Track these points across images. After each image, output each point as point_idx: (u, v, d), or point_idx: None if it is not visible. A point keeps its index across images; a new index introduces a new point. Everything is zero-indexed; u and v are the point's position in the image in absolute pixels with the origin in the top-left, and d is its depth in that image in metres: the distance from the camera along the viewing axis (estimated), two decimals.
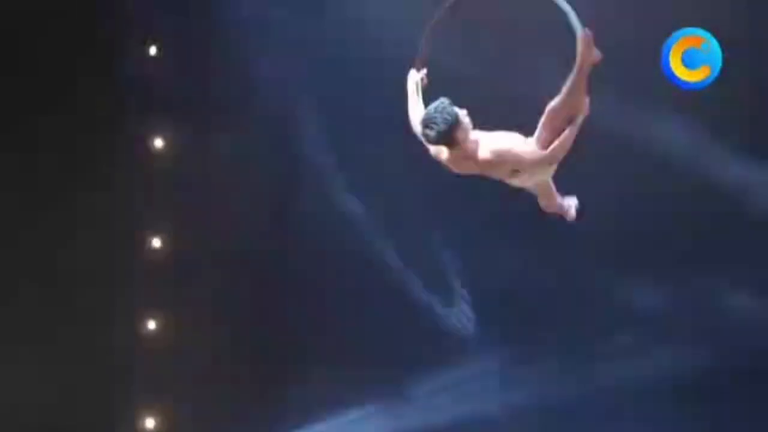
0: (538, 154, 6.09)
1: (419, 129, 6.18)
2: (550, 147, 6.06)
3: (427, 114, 6.12)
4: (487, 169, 6.24)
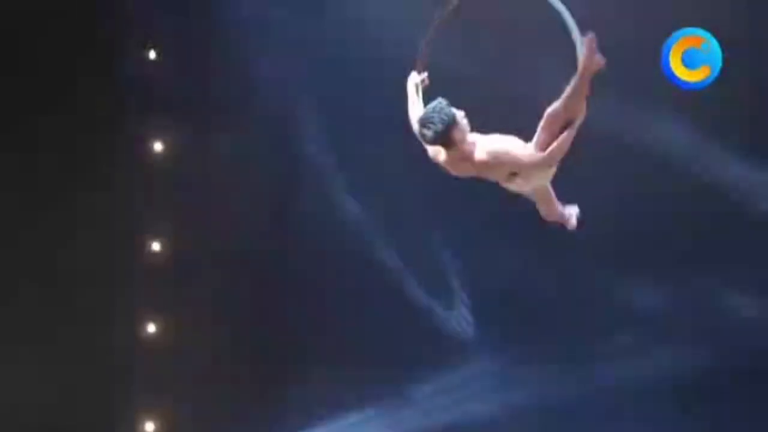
0: (535, 156, 6.07)
1: (417, 128, 6.18)
2: (547, 149, 6.04)
3: (425, 114, 6.11)
4: (484, 171, 6.22)
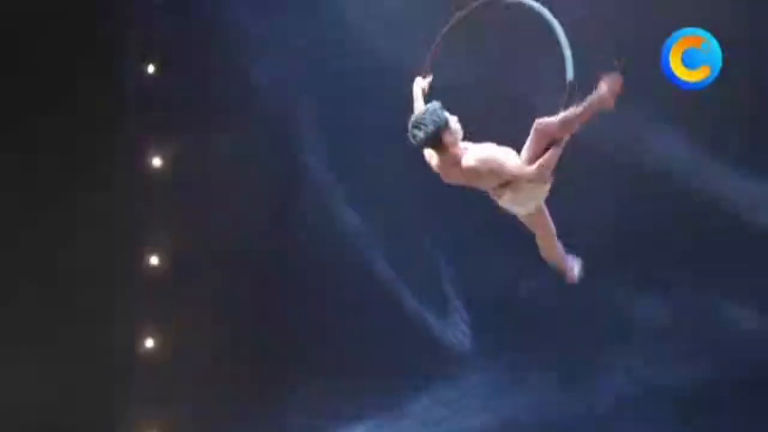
0: (524, 169, 6.06)
1: (409, 129, 6.17)
2: (535, 164, 6.02)
3: (417, 115, 6.14)
4: (473, 179, 6.20)
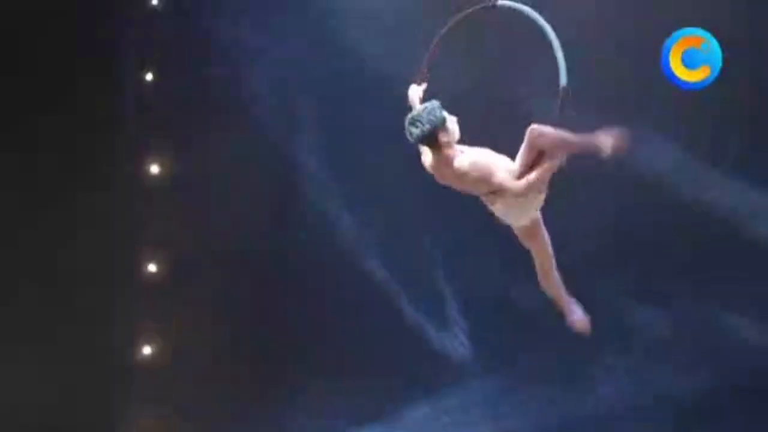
0: (510, 182, 6.04)
1: (406, 126, 6.17)
2: (524, 179, 6.02)
3: (415, 112, 6.14)
4: (463, 182, 6.18)
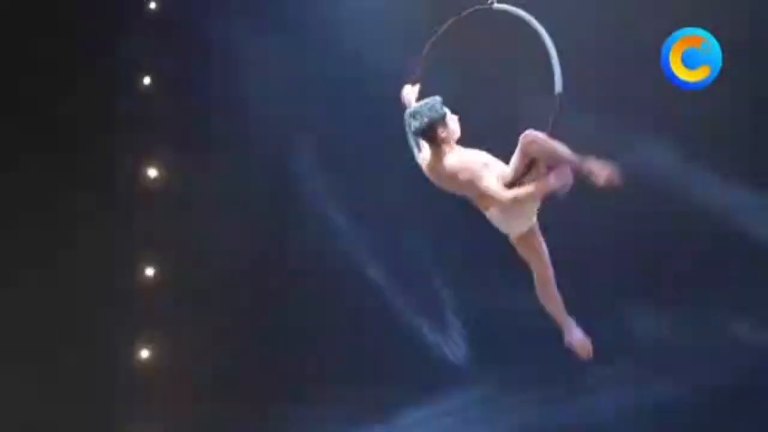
0: (497, 191, 6.00)
1: (406, 119, 6.19)
2: (512, 192, 5.98)
3: (417, 106, 6.16)
4: (456, 184, 6.15)
